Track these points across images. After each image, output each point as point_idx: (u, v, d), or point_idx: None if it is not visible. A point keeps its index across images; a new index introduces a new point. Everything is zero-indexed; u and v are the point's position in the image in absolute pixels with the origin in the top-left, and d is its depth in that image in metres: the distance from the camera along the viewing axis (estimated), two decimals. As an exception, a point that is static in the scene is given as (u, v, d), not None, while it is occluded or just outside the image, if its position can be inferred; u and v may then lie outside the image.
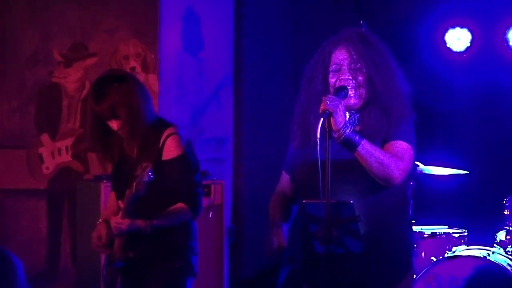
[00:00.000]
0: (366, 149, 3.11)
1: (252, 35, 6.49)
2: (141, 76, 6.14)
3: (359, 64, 3.26)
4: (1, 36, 6.03)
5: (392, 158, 3.16)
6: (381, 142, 3.24)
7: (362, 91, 3.26)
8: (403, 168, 3.19)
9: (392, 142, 3.23)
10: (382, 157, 3.13)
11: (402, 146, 3.23)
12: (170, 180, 3.80)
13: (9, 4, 6.05)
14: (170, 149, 3.82)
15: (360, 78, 3.26)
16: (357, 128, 3.25)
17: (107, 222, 3.87)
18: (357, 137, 3.11)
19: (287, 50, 6.66)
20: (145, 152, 3.82)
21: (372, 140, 3.20)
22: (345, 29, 3.37)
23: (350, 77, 3.26)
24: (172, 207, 3.82)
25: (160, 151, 3.81)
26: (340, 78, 3.27)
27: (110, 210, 3.98)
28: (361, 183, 3.21)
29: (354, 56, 3.27)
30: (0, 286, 2.43)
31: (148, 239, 3.79)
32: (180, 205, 3.82)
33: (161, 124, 3.88)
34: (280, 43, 6.68)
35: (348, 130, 3.09)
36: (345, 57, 3.28)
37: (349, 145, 3.11)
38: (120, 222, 3.72)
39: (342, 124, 3.08)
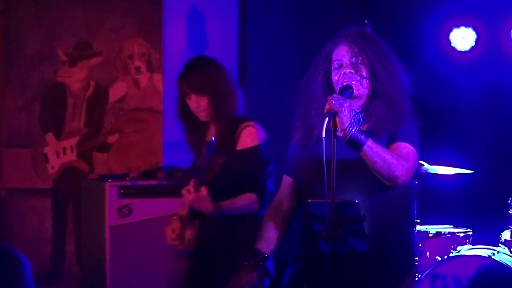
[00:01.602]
0: (371, 148, 3.11)
1: (257, 33, 6.48)
2: (145, 75, 6.15)
3: (360, 58, 3.27)
4: (6, 36, 6.04)
5: (397, 158, 3.16)
6: (388, 136, 3.25)
7: (366, 82, 3.27)
8: (408, 168, 3.19)
9: (397, 144, 3.24)
10: (387, 156, 3.13)
11: (406, 148, 3.23)
12: (241, 170, 3.75)
13: (14, 4, 6.06)
14: (245, 140, 3.81)
15: (363, 72, 3.26)
16: (363, 128, 3.25)
17: (181, 218, 3.81)
18: (362, 136, 3.11)
19: (292, 49, 6.65)
20: (221, 143, 3.77)
21: (379, 134, 3.22)
22: (344, 29, 3.38)
23: (352, 71, 3.26)
24: (241, 195, 3.74)
25: (235, 141, 3.81)
26: (342, 72, 3.27)
27: (184, 206, 3.90)
28: (365, 182, 3.21)
29: (355, 50, 3.28)
30: (9, 285, 2.44)
31: (221, 235, 3.74)
32: (248, 194, 3.75)
33: (242, 118, 3.91)
34: (285, 42, 6.67)
35: (353, 130, 3.09)
36: (346, 52, 3.29)
37: (355, 144, 3.11)
38: (200, 187, 3.58)
39: (348, 123, 3.08)
